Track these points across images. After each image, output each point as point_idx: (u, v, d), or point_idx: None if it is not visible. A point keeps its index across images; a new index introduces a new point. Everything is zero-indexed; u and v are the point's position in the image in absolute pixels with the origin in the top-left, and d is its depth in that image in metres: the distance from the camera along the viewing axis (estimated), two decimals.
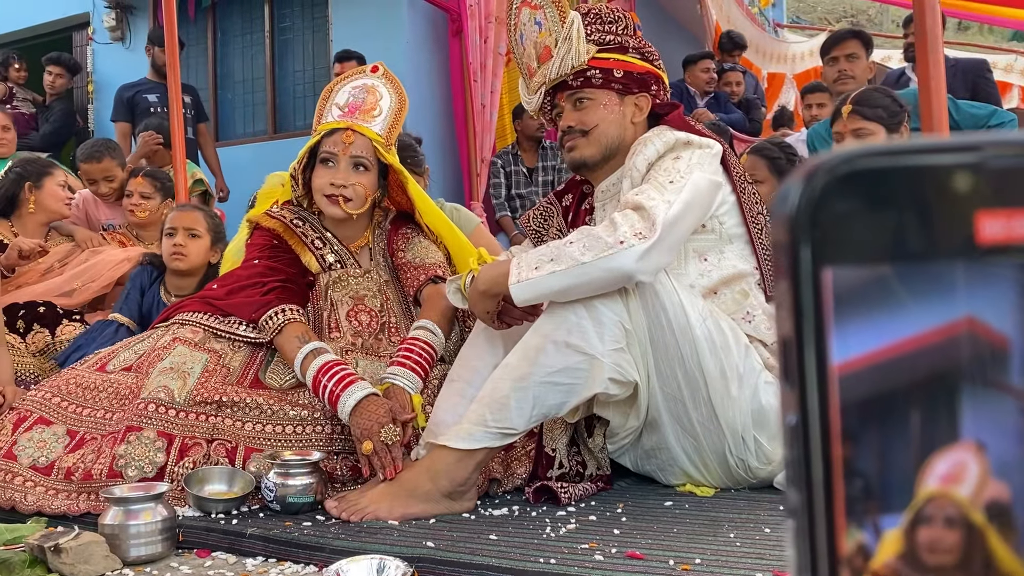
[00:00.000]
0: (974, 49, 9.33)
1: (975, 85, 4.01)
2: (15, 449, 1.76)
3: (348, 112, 2.06)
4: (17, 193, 2.93)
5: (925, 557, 0.21)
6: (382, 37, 5.38)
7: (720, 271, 1.78)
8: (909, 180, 0.21)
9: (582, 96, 1.88)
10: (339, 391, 1.75)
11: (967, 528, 0.21)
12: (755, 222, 1.83)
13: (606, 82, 1.86)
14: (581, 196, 2.05)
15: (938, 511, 0.21)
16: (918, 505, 0.21)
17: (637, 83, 1.88)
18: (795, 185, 0.21)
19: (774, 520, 1.51)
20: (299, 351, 1.82)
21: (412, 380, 1.83)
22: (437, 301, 1.97)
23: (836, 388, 0.21)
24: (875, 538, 0.21)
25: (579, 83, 1.87)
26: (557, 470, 1.77)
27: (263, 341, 1.92)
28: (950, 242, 0.21)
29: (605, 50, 1.87)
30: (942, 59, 2.28)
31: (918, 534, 0.21)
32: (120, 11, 6.52)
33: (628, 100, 1.88)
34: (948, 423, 0.21)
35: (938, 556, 0.21)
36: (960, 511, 0.21)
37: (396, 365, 1.85)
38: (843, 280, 0.21)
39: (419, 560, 1.30)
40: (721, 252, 1.80)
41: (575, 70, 1.86)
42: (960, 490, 0.21)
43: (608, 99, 1.87)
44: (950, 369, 0.21)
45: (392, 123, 2.08)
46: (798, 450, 0.21)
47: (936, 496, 0.21)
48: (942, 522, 0.21)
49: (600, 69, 1.86)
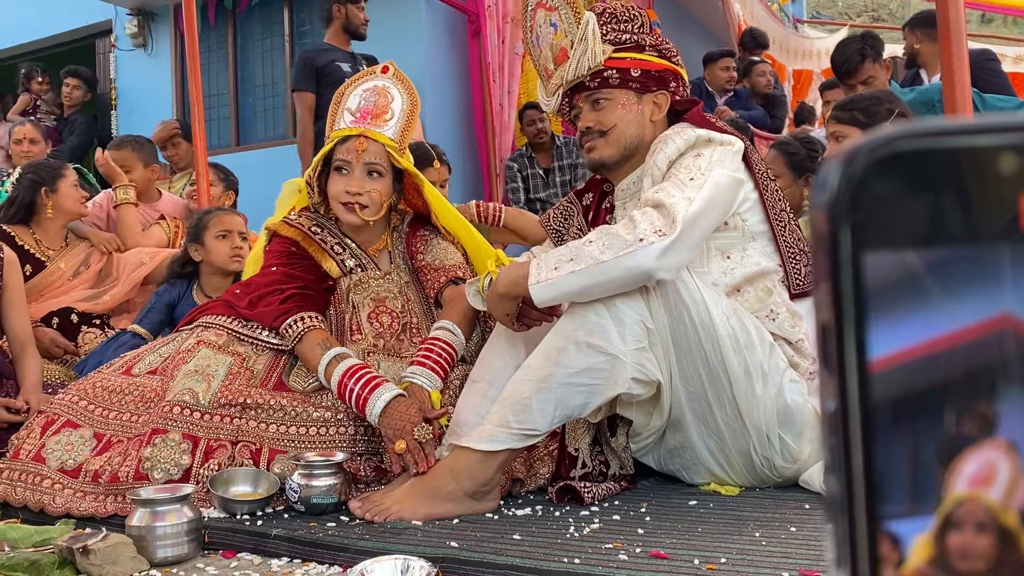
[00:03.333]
0: (998, 42, 9.21)
1: (976, 76, 3.88)
2: (43, 452, 1.78)
3: (360, 117, 2.06)
4: (34, 199, 2.95)
5: (956, 562, 0.21)
6: (400, 39, 5.39)
7: (743, 269, 1.77)
8: (952, 162, 0.20)
9: (600, 97, 1.87)
10: (366, 394, 1.75)
11: (1000, 532, 0.20)
12: (778, 219, 1.81)
13: (623, 82, 1.85)
14: (601, 195, 2.04)
15: (969, 515, 0.21)
16: (948, 508, 0.21)
17: (655, 81, 1.87)
18: (835, 168, 0.21)
19: (800, 519, 1.49)
20: (322, 357, 1.83)
21: (431, 379, 1.83)
22: (458, 302, 1.97)
23: (872, 382, 0.20)
24: (907, 541, 0.21)
25: (596, 84, 1.86)
26: (580, 470, 1.76)
27: (285, 347, 1.94)
28: (993, 226, 0.20)
29: (621, 49, 1.86)
30: (966, 52, 2.24)
31: (949, 538, 0.21)
32: (142, 18, 6.59)
33: (647, 99, 1.87)
34: (983, 423, 0.21)
35: (970, 562, 0.21)
36: (992, 515, 0.20)
37: (416, 365, 1.85)
38: (883, 265, 0.20)
39: (443, 560, 1.30)
40: (744, 250, 1.79)
41: (592, 71, 1.85)
42: (991, 492, 0.21)
43: (626, 99, 1.86)
44: (987, 367, 0.21)
45: (404, 126, 2.08)
46: (838, 437, 0.21)
47: (967, 499, 0.21)
48: (974, 526, 0.21)
49: (617, 69, 1.85)
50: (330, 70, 4.22)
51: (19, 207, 2.96)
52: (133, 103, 6.72)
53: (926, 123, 0.21)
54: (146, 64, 6.65)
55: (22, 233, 2.96)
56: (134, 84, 6.75)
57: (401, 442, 1.68)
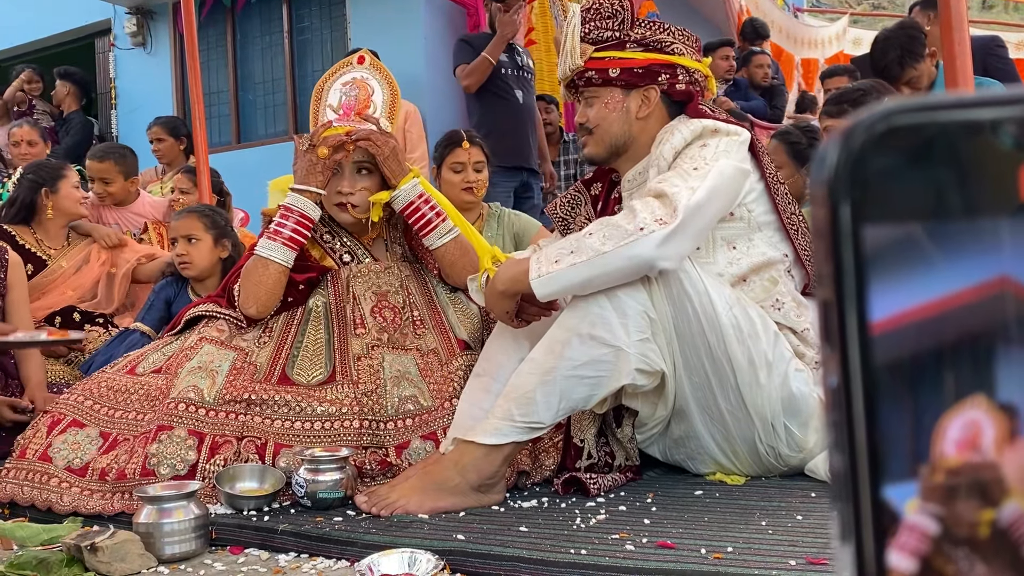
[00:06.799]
0: (999, 28, 9.18)
1: (986, 62, 3.86)
2: (50, 451, 1.78)
3: (344, 114, 2.08)
4: (35, 200, 2.96)
5: (955, 523, 0.21)
6: (399, 34, 5.39)
7: (749, 259, 1.77)
8: (950, 136, 0.20)
9: (587, 94, 1.89)
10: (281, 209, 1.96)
11: (998, 491, 0.20)
12: (785, 209, 1.81)
13: (605, 81, 1.85)
14: (610, 185, 2.04)
15: (964, 475, 0.21)
16: (944, 469, 0.21)
17: (640, 77, 1.85)
18: (834, 144, 0.21)
19: (806, 507, 1.50)
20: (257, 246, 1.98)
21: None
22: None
23: (873, 347, 0.20)
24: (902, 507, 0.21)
25: (582, 82, 1.88)
26: (586, 460, 1.76)
27: (288, 341, 1.94)
28: (993, 198, 0.20)
29: (603, 48, 1.85)
30: (967, 37, 2.23)
31: (947, 498, 0.21)
32: (141, 17, 6.58)
33: (634, 94, 1.86)
34: (982, 385, 0.21)
35: (969, 521, 0.21)
36: (989, 473, 0.21)
37: None
38: (882, 238, 0.21)
39: (450, 553, 1.31)
40: (750, 240, 1.78)
41: (574, 72, 1.87)
42: (982, 451, 0.21)
43: (611, 96, 1.86)
44: (986, 329, 0.21)
45: (388, 114, 2.11)
46: (840, 412, 0.21)
47: (961, 460, 0.21)
48: (970, 486, 0.21)
49: (596, 70, 1.85)
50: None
51: (20, 207, 2.96)
52: (133, 102, 6.72)
53: (923, 98, 0.21)
54: (146, 63, 6.65)
55: (23, 233, 2.96)
56: (134, 83, 6.75)
57: (321, 149, 1.89)
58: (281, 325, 1.98)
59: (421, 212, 2.02)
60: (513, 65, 4.35)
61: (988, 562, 0.20)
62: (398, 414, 1.83)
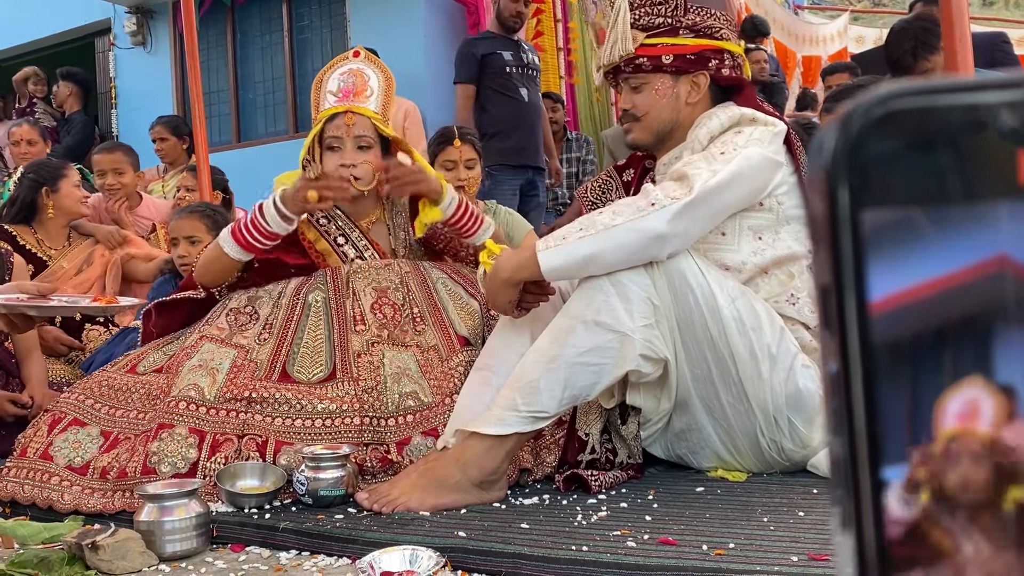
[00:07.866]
0: (1000, 24, 9.17)
1: (993, 58, 3.86)
2: (51, 450, 1.78)
3: (343, 97, 2.18)
4: (35, 199, 2.95)
5: (956, 495, 0.21)
6: (399, 33, 5.39)
7: (774, 251, 1.76)
8: (948, 120, 0.20)
9: (634, 81, 1.88)
10: (255, 208, 2.01)
11: (995, 465, 0.21)
12: None
13: (656, 68, 1.85)
14: (643, 171, 2.04)
15: (963, 448, 0.21)
16: (943, 444, 0.21)
17: (691, 63, 1.85)
18: (832, 129, 0.21)
19: (808, 503, 1.49)
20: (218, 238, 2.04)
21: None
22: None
23: (872, 327, 0.20)
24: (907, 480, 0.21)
25: (631, 69, 1.87)
26: (588, 455, 1.76)
27: (288, 338, 1.95)
28: (992, 182, 0.20)
29: (654, 35, 1.84)
30: (968, 34, 2.23)
31: (946, 473, 0.21)
32: (141, 16, 6.59)
33: (684, 80, 1.86)
34: (980, 366, 0.21)
35: (968, 494, 0.21)
36: (986, 447, 0.21)
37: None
38: (881, 222, 0.21)
39: (451, 550, 1.31)
40: (776, 232, 1.78)
41: (623, 59, 1.86)
42: (981, 426, 0.21)
43: (661, 83, 1.86)
44: (984, 309, 0.21)
45: (384, 100, 2.21)
46: (839, 397, 0.21)
47: (960, 434, 0.21)
48: (969, 459, 0.21)
49: (648, 56, 1.84)
50: (492, 59, 4.23)
51: (20, 207, 2.96)
52: (133, 101, 6.72)
53: (922, 82, 0.21)
54: (146, 62, 6.65)
55: (24, 233, 2.96)
56: (134, 82, 6.75)
57: (312, 192, 1.90)
58: (281, 322, 1.99)
59: (462, 222, 2.14)
60: (519, 63, 4.33)
61: (992, 539, 0.20)
62: (399, 411, 1.83)
